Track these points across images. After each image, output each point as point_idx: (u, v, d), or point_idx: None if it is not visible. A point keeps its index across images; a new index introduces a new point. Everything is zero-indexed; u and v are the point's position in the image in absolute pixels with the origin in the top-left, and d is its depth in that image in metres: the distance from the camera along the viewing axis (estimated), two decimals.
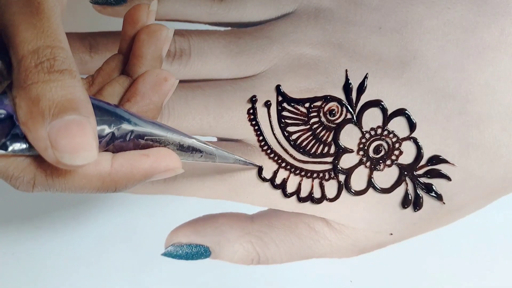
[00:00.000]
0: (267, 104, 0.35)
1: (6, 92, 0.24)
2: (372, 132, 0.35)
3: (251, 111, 0.35)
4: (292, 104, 0.35)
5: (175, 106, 0.35)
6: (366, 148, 0.36)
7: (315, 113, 0.35)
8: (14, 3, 0.24)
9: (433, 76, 0.35)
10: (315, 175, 0.36)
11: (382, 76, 0.35)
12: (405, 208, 0.36)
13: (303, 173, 0.36)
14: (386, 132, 0.35)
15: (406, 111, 0.35)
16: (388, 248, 0.37)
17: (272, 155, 0.36)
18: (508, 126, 0.35)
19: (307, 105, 0.35)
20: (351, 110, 0.35)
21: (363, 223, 0.37)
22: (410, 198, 0.36)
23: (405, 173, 0.36)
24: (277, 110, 0.35)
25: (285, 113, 0.35)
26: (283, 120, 0.35)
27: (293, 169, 0.36)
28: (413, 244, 0.37)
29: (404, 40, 0.35)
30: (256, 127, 0.35)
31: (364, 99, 0.35)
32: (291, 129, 0.35)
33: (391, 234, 0.37)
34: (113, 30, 0.36)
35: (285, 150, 0.36)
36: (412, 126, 0.35)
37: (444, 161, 0.35)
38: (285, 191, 0.36)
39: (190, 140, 0.28)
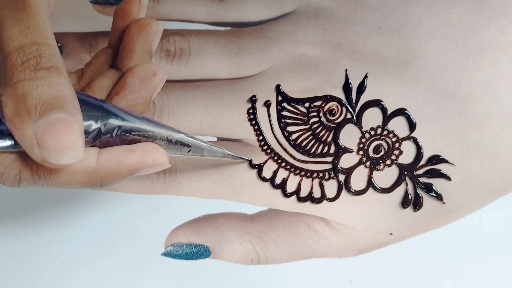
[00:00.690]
0: (267, 104, 0.35)
1: None
2: (372, 132, 0.35)
3: (251, 111, 0.35)
4: (292, 104, 0.35)
5: (175, 106, 0.35)
6: (366, 148, 0.36)
7: (315, 113, 0.35)
8: None
9: (433, 76, 0.35)
10: (315, 175, 0.36)
11: (382, 76, 0.35)
12: (405, 208, 0.36)
13: (303, 173, 0.36)
14: (386, 132, 0.35)
15: (406, 111, 0.35)
16: (388, 248, 0.37)
17: (272, 155, 0.36)
18: (508, 126, 0.35)
19: (307, 105, 0.35)
20: (351, 110, 0.35)
21: (363, 223, 0.36)
22: (410, 198, 0.36)
23: (405, 173, 0.36)
24: (277, 110, 0.35)
25: (285, 113, 0.35)
26: (283, 120, 0.35)
27: (293, 169, 0.36)
28: (413, 244, 0.37)
29: (404, 40, 0.35)
30: (256, 127, 0.35)
31: (364, 99, 0.35)
32: (291, 129, 0.35)
33: (391, 234, 0.37)
34: None
35: (285, 150, 0.36)
36: (412, 126, 0.35)
37: (444, 161, 0.35)
38: (285, 191, 0.36)
39: (179, 135, 0.28)
